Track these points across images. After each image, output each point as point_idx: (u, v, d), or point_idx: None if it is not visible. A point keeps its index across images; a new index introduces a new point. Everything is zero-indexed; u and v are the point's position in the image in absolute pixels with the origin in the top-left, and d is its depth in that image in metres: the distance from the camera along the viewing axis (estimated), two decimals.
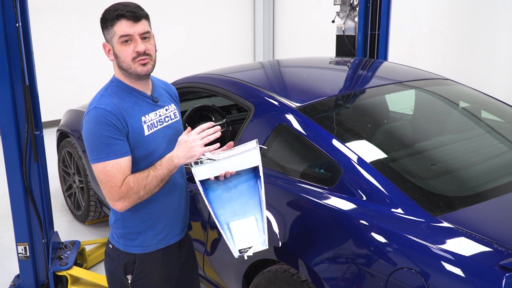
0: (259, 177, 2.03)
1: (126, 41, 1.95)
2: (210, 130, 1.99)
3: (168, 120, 2.14)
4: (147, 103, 2.07)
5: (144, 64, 1.99)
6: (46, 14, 7.13)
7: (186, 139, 1.96)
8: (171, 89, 2.29)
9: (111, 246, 2.18)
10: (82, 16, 7.48)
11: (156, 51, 2.05)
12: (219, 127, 2.02)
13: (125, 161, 1.94)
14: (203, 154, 1.97)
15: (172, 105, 2.20)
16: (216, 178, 2.00)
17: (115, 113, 1.94)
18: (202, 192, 1.96)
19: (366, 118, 2.83)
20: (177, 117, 2.20)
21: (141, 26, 1.97)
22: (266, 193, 2.07)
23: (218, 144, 2.00)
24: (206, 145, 1.97)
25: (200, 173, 1.96)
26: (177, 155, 1.96)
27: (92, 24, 7.41)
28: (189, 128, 2.01)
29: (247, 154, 2.00)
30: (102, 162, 1.92)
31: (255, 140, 2.02)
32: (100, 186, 1.96)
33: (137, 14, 1.95)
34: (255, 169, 2.06)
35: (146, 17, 1.99)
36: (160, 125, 2.09)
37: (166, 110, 2.14)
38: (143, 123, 2.02)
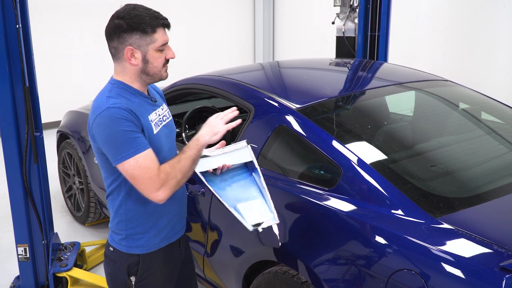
0: (255, 170, 2.15)
1: (162, 49, 2.01)
2: (228, 110, 2.12)
3: (165, 119, 2.17)
4: (148, 103, 2.08)
5: (166, 70, 2.08)
6: (46, 15, 7.13)
7: (208, 121, 2.09)
8: (158, 89, 2.33)
9: (111, 249, 2.17)
10: (82, 17, 7.48)
11: None
12: (235, 108, 2.14)
13: (152, 152, 1.94)
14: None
15: (164, 104, 2.24)
16: (214, 171, 2.12)
17: (129, 111, 1.93)
18: (204, 181, 2.07)
19: (366, 120, 2.83)
20: (170, 116, 2.24)
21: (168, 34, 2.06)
22: None
23: (240, 120, 2.17)
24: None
25: (198, 166, 2.07)
26: (202, 134, 2.04)
27: (92, 25, 7.46)
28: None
29: (239, 152, 2.16)
30: (132, 157, 1.88)
31: (245, 140, 2.19)
32: (136, 183, 1.92)
33: (169, 23, 2.04)
34: (248, 166, 2.20)
35: None
36: (160, 124, 2.11)
37: (162, 109, 2.17)
38: (150, 122, 2.04)
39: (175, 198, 2.18)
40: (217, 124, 2.06)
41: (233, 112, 2.11)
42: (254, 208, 2.06)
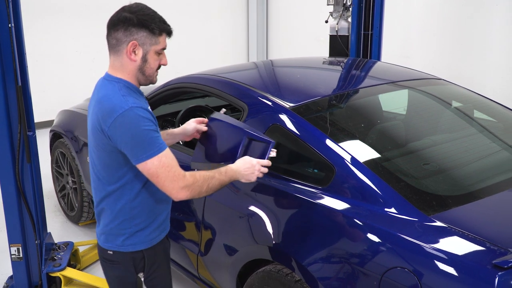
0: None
1: (160, 53, 2.06)
2: (266, 169, 2.25)
3: None
4: (146, 103, 2.13)
5: (157, 75, 2.13)
6: (38, 15, 7.09)
7: (252, 164, 2.21)
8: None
9: (111, 252, 2.15)
10: (75, 17, 7.44)
11: None
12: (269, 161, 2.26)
13: (169, 150, 2.00)
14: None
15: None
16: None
17: (149, 110, 1.99)
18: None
19: (359, 118, 2.84)
20: None
21: None
22: (259, 193, 2.17)
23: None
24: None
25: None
26: (241, 174, 2.18)
27: (85, 24, 7.44)
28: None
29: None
30: (156, 156, 1.93)
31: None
32: (158, 180, 1.96)
33: (173, 32, 2.12)
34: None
35: None
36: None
37: None
38: None
39: None
40: (254, 174, 2.20)
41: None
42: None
